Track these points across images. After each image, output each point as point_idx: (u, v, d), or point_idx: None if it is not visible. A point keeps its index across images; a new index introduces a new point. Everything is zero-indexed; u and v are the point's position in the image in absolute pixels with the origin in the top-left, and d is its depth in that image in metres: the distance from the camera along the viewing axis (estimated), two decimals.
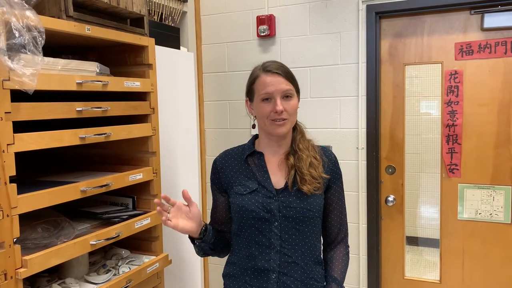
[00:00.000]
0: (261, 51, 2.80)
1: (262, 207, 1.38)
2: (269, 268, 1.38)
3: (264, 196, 1.39)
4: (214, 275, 3.05)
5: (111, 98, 1.68)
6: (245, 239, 1.43)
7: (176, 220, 1.37)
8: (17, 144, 1.28)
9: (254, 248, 1.41)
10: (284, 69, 1.39)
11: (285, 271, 1.38)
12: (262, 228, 1.39)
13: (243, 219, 1.41)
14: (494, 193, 2.44)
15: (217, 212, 1.53)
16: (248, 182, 1.43)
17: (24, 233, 1.43)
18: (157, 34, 2.22)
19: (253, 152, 1.47)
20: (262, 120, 1.39)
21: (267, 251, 1.39)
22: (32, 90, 1.27)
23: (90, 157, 1.97)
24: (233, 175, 1.47)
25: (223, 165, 1.49)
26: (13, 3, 1.24)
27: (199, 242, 1.44)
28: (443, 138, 2.51)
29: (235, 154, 1.50)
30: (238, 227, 1.44)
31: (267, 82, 1.36)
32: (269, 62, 1.42)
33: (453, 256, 2.55)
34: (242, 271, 1.44)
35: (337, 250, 1.49)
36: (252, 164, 1.46)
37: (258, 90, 1.39)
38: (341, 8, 2.59)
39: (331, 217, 1.48)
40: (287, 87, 1.37)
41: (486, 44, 2.38)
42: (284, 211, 1.37)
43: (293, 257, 1.39)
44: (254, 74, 1.43)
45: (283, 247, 1.38)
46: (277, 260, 1.38)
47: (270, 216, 1.38)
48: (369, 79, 2.55)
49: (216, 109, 2.97)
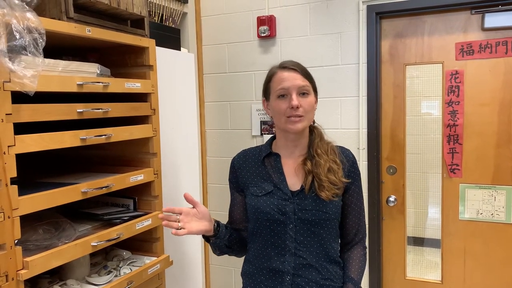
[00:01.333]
0: (261, 52, 2.80)
1: (277, 209, 1.36)
2: (284, 270, 1.37)
3: (280, 198, 1.38)
4: (216, 276, 3.05)
5: (111, 100, 1.68)
6: (261, 239, 1.41)
7: (189, 225, 1.35)
8: (18, 146, 1.28)
9: (270, 249, 1.39)
10: (300, 67, 1.39)
11: (300, 273, 1.36)
12: (277, 230, 1.37)
13: (258, 220, 1.40)
14: (496, 193, 2.43)
15: (235, 211, 1.53)
16: (264, 184, 1.42)
17: (25, 235, 1.43)
18: (157, 35, 2.22)
19: (270, 153, 1.46)
20: (279, 117, 1.38)
21: (282, 253, 1.37)
22: (32, 92, 1.28)
23: (91, 159, 1.97)
24: (250, 175, 1.46)
25: (240, 165, 1.49)
26: (13, 4, 1.24)
27: (214, 239, 1.43)
28: (444, 138, 2.51)
29: (252, 155, 1.49)
30: (254, 228, 1.43)
31: (283, 78, 1.35)
32: (285, 61, 1.41)
33: (455, 256, 2.55)
34: (257, 270, 1.42)
35: (354, 250, 1.46)
36: (269, 165, 1.44)
37: (274, 87, 1.37)
38: (342, 8, 2.59)
39: (349, 218, 1.45)
40: (303, 83, 1.35)
41: (487, 44, 2.37)
42: (300, 214, 1.35)
43: (308, 259, 1.37)
44: (270, 72, 1.42)
45: (298, 249, 1.36)
46: (291, 262, 1.37)
47: (285, 218, 1.36)
48: (370, 80, 2.55)
49: (216, 110, 2.97)
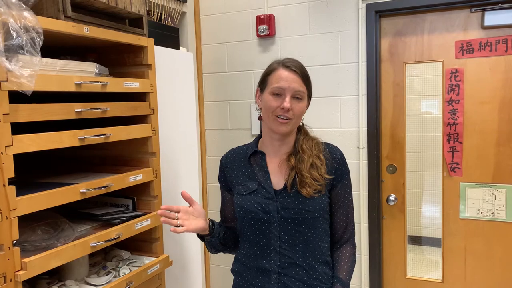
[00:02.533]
0: (261, 51, 2.79)
1: (260, 208, 1.37)
2: (270, 269, 1.38)
3: (263, 197, 1.38)
4: (216, 276, 3.05)
5: (110, 99, 1.68)
6: (247, 238, 1.43)
7: (188, 223, 1.36)
8: (16, 146, 1.28)
9: (256, 248, 1.41)
10: (302, 70, 1.38)
11: (286, 272, 1.37)
12: (261, 229, 1.39)
13: (244, 219, 1.42)
14: (496, 192, 2.43)
15: (226, 209, 1.55)
16: (249, 183, 1.42)
17: (24, 235, 1.42)
18: (156, 34, 2.21)
19: (255, 151, 1.46)
20: (267, 113, 1.38)
21: (268, 252, 1.39)
22: (30, 91, 1.27)
23: (90, 158, 1.96)
24: (236, 174, 1.47)
25: (227, 164, 1.50)
26: (10, 3, 1.23)
27: (209, 237, 1.44)
28: (444, 137, 2.50)
29: (239, 153, 1.50)
30: (241, 227, 1.45)
31: (283, 77, 1.35)
32: (290, 59, 1.40)
33: (455, 255, 2.54)
34: (246, 269, 1.44)
35: (343, 250, 1.46)
36: (254, 164, 1.45)
37: (272, 82, 1.37)
38: (341, 7, 2.58)
39: (337, 216, 1.45)
40: (300, 88, 1.35)
41: (487, 42, 2.37)
42: (283, 213, 1.36)
43: (294, 258, 1.37)
44: (272, 66, 1.41)
45: (283, 248, 1.37)
46: (277, 261, 1.37)
47: (268, 217, 1.37)
48: (370, 78, 2.54)
49: (216, 109, 2.96)
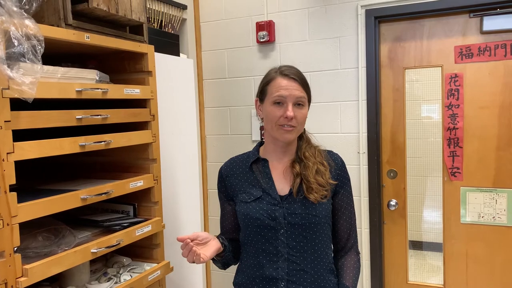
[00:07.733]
0: (261, 57, 2.81)
1: (266, 215, 1.35)
2: (277, 277, 1.35)
3: (269, 203, 1.37)
4: (216, 282, 3.04)
5: (111, 106, 1.68)
6: (252, 247, 1.40)
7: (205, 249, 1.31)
8: (17, 153, 1.28)
9: (262, 256, 1.38)
10: (301, 76, 1.38)
11: (294, 279, 1.35)
12: (268, 236, 1.36)
13: (249, 227, 1.39)
14: (497, 196, 2.42)
15: (226, 221, 1.52)
16: (252, 190, 1.41)
17: (25, 242, 1.42)
18: (156, 41, 2.22)
19: (258, 158, 1.45)
20: (270, 124, 1.37)
21: (275, 259, 1.36)
22: (31, 99, 1.28)
23: (90, 165, 1.97)
24: (238, 182, 1.45)
25: (228, 173, 1.48)
26: (12, 12, 1.24)
27: (223, 253, 1.41)
28: (445, 142, 2.50)
29: (240, 162, 1.49)
30: (245, 236, 1.42)
31: (282, 86, 1.34)
32: (286, 66, 1.40)
33: (457, 260, 2.53)
34: (250, 280, 1.40)
35: (348, 257, 1.45)
36: (257, 171, 1.44)
37: (272, 92, 1.36)
38: (340, 13, 2.59)
39: (340, 223, 1.44)
40: (301, 94, 1.35)
41: (486, 47, 2.38)
42: (290, 218, 1.34)
43: (302, 265, 1.35)
44: (269, 75, 1.40)
45: (291, 254, 1.35)
46: (285, 268, 1.35)
47: (275, 223, 1.35)
48: (369, 84, 2.55)
49: (216, 116, 2.97)
